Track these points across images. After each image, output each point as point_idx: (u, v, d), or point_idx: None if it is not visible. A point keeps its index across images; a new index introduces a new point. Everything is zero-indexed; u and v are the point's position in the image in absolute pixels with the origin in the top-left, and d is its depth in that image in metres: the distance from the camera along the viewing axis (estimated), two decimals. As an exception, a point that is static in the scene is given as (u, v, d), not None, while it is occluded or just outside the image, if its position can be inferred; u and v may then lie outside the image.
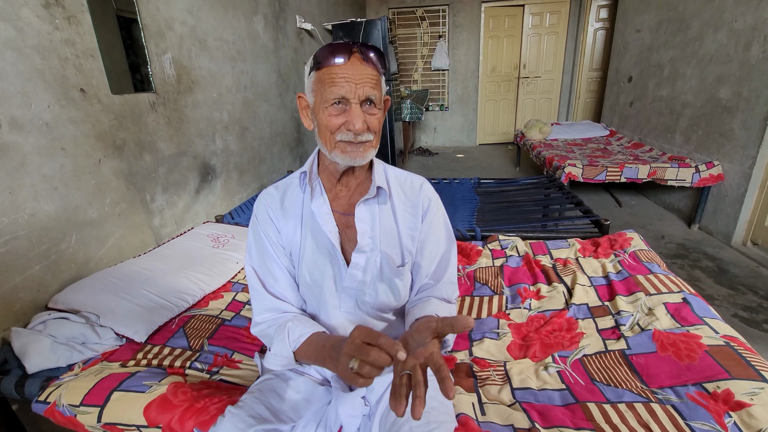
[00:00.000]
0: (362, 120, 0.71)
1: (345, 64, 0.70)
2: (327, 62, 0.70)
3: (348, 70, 0.70)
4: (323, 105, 0.72)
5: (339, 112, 0.71)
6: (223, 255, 1.62)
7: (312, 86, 0.75)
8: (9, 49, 1.17)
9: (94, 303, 1.23)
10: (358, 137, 0.72)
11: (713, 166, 2.70)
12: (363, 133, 0.72)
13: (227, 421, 0.76)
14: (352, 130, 0.71)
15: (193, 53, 1.99)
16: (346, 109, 0.71)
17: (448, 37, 5.76)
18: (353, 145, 0.73)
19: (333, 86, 0.70)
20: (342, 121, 0.72)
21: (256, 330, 0.85)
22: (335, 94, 0.70)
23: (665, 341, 1.04)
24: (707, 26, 2.87)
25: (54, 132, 1.30)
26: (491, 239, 1.74)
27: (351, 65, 0.70)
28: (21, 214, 1.21)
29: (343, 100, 0.71)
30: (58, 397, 0.96)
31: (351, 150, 0.74)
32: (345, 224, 0.83)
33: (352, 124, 0.71)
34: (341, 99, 0.70)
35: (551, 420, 0.86)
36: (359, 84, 0.70)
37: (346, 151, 0.74)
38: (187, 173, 1.97)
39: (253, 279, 0.85)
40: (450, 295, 0.87)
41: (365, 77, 0.71)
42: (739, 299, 2.07)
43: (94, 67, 1.45)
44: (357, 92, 0.70)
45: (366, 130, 0.73)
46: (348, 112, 0.71)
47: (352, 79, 0.69)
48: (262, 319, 0.84)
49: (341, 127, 0.72)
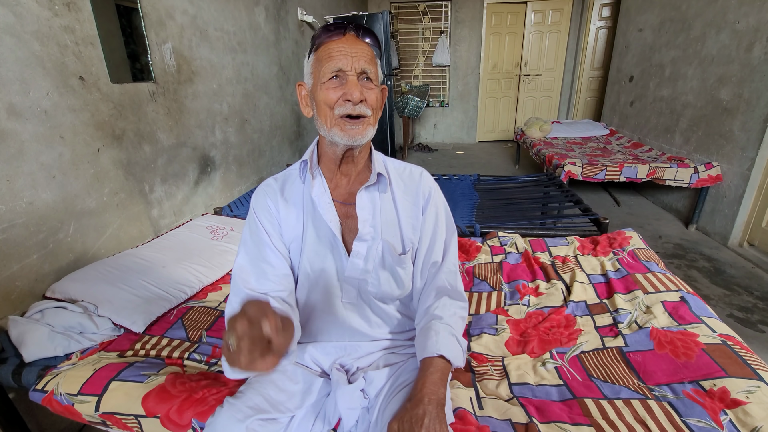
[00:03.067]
0: (359, 89, 0.72)
1: (341, 39, 0.74)
2: (324, 40, 0.74)
3: (344, 44, 0.73)
4: (321, 80, 0.74)
5: (337, 85, 0.73)
6: (222, 247, 1.62)
7: (311, 68, 0.77)
8: (8, 34, 1.15)
9: (91, 293, 1.23)
10: (356, 108, 0.73)
11: (712, 167, 2.71)
12: (360, 104, 0.73)
13: (225, 412, 0.76)
14: (350, 99, 0.72)
15: (193, 43, 1.97)
16: (344, 82, 0.73)
17: (449, 32, 5.73)
18: (352, 121, 0.74)
19: (330, 60, 0.72)
20: (340, 93, 0.73)
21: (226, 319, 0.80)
22: (332, 67, 0.72)
23: (663, 339, 1.04)
24: (710, 27, 2.86)
25: (53, 120, 1.29)
26: (490, 236, 1.74)
27: (347, 40, 0.73)
28: (19, 202, 1.20)
29: (341, 72, 0.73)
30: (55, 386, 0.95)
31: (349, 128, 0.74)
32: (345, 214, 0.83)
33: (350, 94, 0.72)
34: (338, 72, 0.73)
35: (548, 415, 0.87)
36: (355, 57, 0.73)
37: (344, 129, 0.74)
38: (186, 164, 1.96)
39: (238, 272, 0.81)
40: (453, 284, 0.87)
41: (361, 52, 0.73)
42: (735, 299, 2.08)
43: (94, 55, 1.43)
44: (353, 65, 0.72)
45: (364, 102, 0.74)
46: (345, 84, 0.73)
47: (348, 53, 0.72)
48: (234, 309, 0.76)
49: (339, 100, 0.73)
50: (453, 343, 0.78)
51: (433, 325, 0.80)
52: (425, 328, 0.81)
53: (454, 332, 0.80)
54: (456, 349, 0.78)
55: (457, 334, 0.81)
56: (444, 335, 0.78)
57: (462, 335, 0.83)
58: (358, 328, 0.89)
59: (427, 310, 0.84)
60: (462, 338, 0.82)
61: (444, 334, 0.78)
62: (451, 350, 0.77)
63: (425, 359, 0.76)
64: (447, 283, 0.86)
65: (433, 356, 0.75)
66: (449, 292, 0.86)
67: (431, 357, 0.75)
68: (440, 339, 0.77)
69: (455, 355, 0.77)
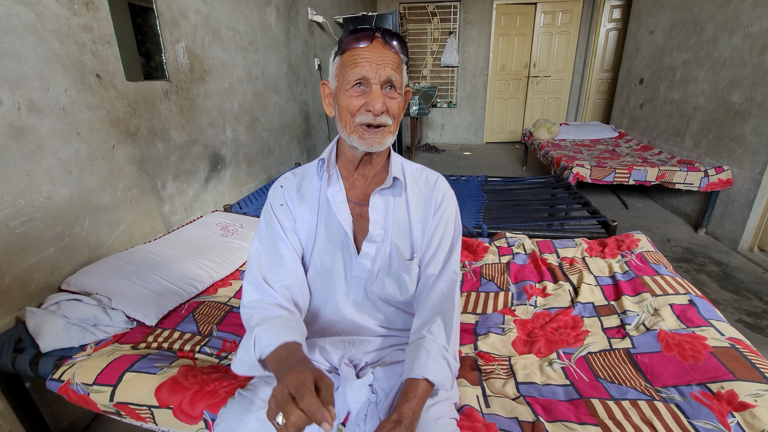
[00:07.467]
0: (382, 101, 0.72)
1: (368, 47, 0.72)
2: (350, 45, 0.73)
3: (370, 52, 0.72)
4: (345, 87, 0.73)
5: (359, 94, 0.73)
6: (232, 243, 1.64)
7: (335, 71, 0.76)
8: (29, 33, 1.18)
9: (105, 286, 1.25)
10: (377, 119, 0.73)
11: (722, 170, 2.69)
12: (382, 114, 0.73)
13: (237, 403, 0.77)
14: (371, 110, 0.72)
15: (206, 42, 2.00)
16: (367, 91, 0.72)
17: (458, 33, 5.73)
18: (372, 130, 0.74)
19: (355, 67, 0.71)
20: (362, 102, 0.73)
21: (242, 312, 0.82)
22: (357, 75, 0.71)
23: (670, 341, 1.04)
24: (722, 29, 2.84)
25: (70, 116, 1.32)
26: (498, 236, 1.74)
27: (373, 48, 0.72)
28: (37, 197, 1.23)
29: (364, 80, 0.72)
30: (71, 376, 0.98)
31: (369, 136, 0.74)
32: (359, 214, 0.84)
33: (371, 105, 0.71)
34: (362, 80, 0.72)
35: (555, 414, 0.87)
36: (380, 65, 0.71)
37: (363, 137, 0.75)
38: (197, 162, 1.98)
39: (253, 260, 0.83)
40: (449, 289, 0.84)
41: (387, 60, 0.72)
42: (744, 304, 2.06)
43: (110, 54, 1.46)
44: (378, 73, 0.71)
45: (385, 113, 0.73)
46: (368, 94, 0.72)
47: (373, 60, 0.71)
48: (250, 301, 0.81)
49: (361, 109, 0.73)
50: (442, 366, 0.75)
51: (425, 343, 0.77)
52: (416, 344, 0.78)
53: (446, 355, 0.77)
54: (443, 372, 0.75)
55: (449, 355, 0.77)
56: (435, 356, 0.75)
57: (454, 354, 0.79)
58: (366, 325, 0.91)
59: (420, 327, 0.81)
60: (454, 359, 0.79)
61: (435, 355, 0.75)
62: (437, 374, 0.74)
63: (410, 379, 0.73)
64: (444, 287, 0.84)
65: (418, 378, 0.72)
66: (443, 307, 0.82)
67: (416, 379, 0.72)
68: (429, 360, 0.74)
69: (442, 380, 0.74)
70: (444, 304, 0.82)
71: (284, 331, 0.73)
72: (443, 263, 0.86)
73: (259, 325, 0.74)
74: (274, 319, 0.76)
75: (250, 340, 0.72)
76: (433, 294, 0.84)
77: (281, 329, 0.73)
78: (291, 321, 0.77)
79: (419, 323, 0.82)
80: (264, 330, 0.72)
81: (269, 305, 0.79)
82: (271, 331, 0.72)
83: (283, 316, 0.77)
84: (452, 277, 0.86)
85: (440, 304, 0.82)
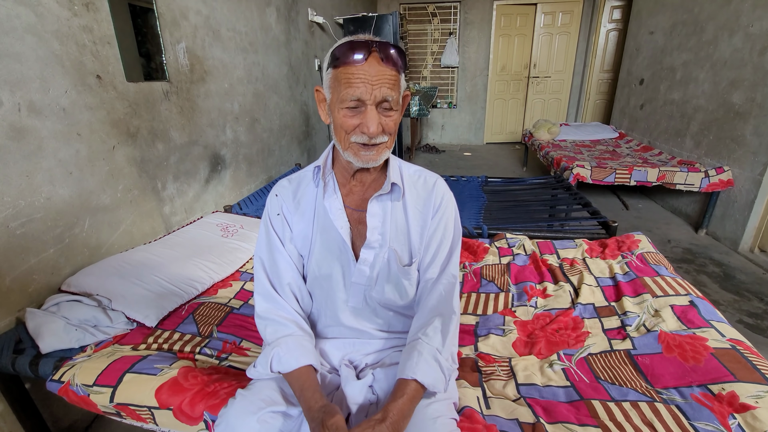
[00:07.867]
0: (377, 123, 0.70)
1: (363, 64, 0.68)
2: (345, 60, 0.69)
3: (365, 70, 0.68)
4: (339, 104, 0.71)
5: (354, 114, 0.70)
6: (232, 244, 1.64)
7: (329, 83, 0.73)
8: (29, 34, 1.18)
9: (105, 287, 1.25)
10: (372, 140, 0.72)
11: (723, 171, 2.68)
12: (377, 135, 0.72)
13: (238, 404, 0.77)
14: (366, 133, 0.70)
15: (206, 43, 2.00)
16: (362, 111, 0.70)
17: (458, 34, 5.73)
18: (367, 148, 0.73)
19: (349, 87, 0.68)
20: (357, 122, 0.71)
21: (257, 322, 0.86)
22: (351, 96, 0.69)
23: (671, 342, 1.04)
24: (722, 30, 2.84)
25: (70, 117, 1.32)
26: (498, 237, 1.74)
27: (369, 65, 0.68)
28: (37, 198, 1.23)
29: (359, 101, 0.69)
30: (71, 377, 0.98)
31: (364, 154, 0.73)
32: (357, 220, 0.84)
33: (366, 127, 0.70)
34: (357, 100, 0.69)
35: (556, 416, 0.87)
36: (376, 85, 0.68)
37: (359, 154, 0.74)
38: (197, 162, 1.98)
39: (259, 269, 0.87)
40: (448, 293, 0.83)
41: (383, 78, 0.69)
42: (745, 305, 2.06)
43: (111, 55, 1.46)
44: (373, 93, 0.68)
45: (381, 133, 0.72)
46: (363, 114, 0.70)
47: (368, 80, 0.68)
48: (262, 311, 0.84)
49: (356, 129, 0.71)
50: (433, 367, 0.74)
51: (419, 344, 0.76)
52: (410, 346, 0.78)
53: (438, 357, 0.76)
54: (434, 374, 0.74)
55: (442, 357, 0.76)
56: (426, 358, 0.74)
57: (450, 356, 0.79)
58: (365, 330, 0.91)
59: (417, 329, 0.81)
60: (448, 362, 0.78)
61: (426, 356, 0.74)
62: (427, 375, 0.73)
63: (401, 380, 0.73)
64: (443, 290, 0.84)
65: (408, 379, 0.72)
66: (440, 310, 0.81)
67: (406, 379, 0.73)
68: (420, 362, 0.74)
69: (433, 381, 0.73)
70: (442, 306, 0.82)
71: (301, 353, 0.79)
72: (442, 267, 0.85)
73: (276, 344, 0.79)
74: (288, 338, 0.81)
75: (267, 357, 0.79)
76: (431, 297, 0.84)
77: (298, 350, 0.79)
78: (304, 339, 0.82)
79: (416, 326, 0.83)
80: (283, 351, 0.78)
81: (281, 319, 0.83)
82: (290, 352, 0.78)
83: (295, 335, 0.82)
84: (451, 281, 0.85)
85: (438, 306, 0.82)
